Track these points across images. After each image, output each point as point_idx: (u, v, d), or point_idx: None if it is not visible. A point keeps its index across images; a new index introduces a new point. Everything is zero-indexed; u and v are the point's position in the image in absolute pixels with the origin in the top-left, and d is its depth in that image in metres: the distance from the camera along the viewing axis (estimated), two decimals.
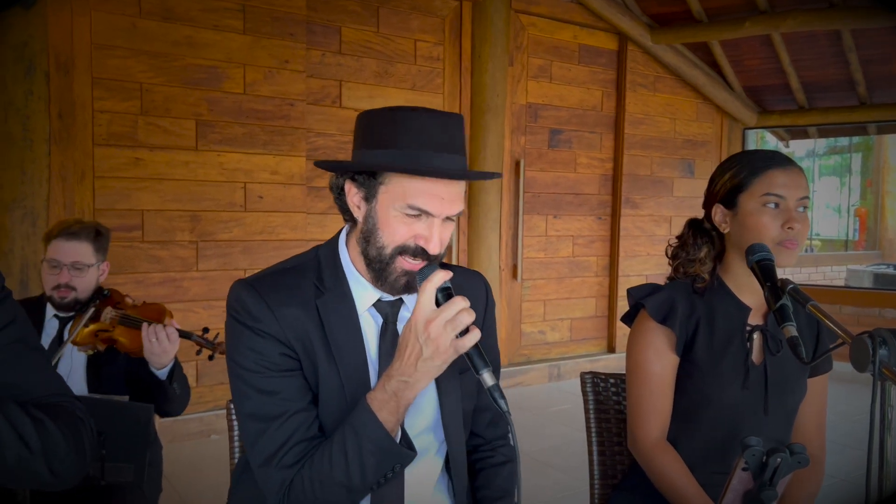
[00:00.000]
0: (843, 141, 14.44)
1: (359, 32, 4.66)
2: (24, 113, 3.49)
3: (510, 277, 5.52)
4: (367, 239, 1.23)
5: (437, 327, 1.09)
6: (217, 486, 3.22)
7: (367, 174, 1.22)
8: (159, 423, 2.38)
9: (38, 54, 3.50)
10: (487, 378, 1.10)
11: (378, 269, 1.23)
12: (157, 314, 2.22)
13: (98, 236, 2.26)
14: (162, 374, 2.13)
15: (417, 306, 1.12)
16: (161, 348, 2.08)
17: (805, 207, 1.53)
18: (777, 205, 1.51)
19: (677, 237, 1.69)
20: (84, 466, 1.16)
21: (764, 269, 1.40)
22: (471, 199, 5.16)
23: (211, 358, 2.27)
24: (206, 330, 2.29)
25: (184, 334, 2.16)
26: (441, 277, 1.13)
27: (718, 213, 1.60)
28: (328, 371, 1.23)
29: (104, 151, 3.81)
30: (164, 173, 3.98)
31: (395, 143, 1.18)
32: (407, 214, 1.19)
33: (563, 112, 5.72)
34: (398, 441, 1.17)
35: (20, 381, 1.15)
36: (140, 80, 3.89)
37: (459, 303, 1.11)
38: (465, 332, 1.11)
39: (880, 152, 14.67)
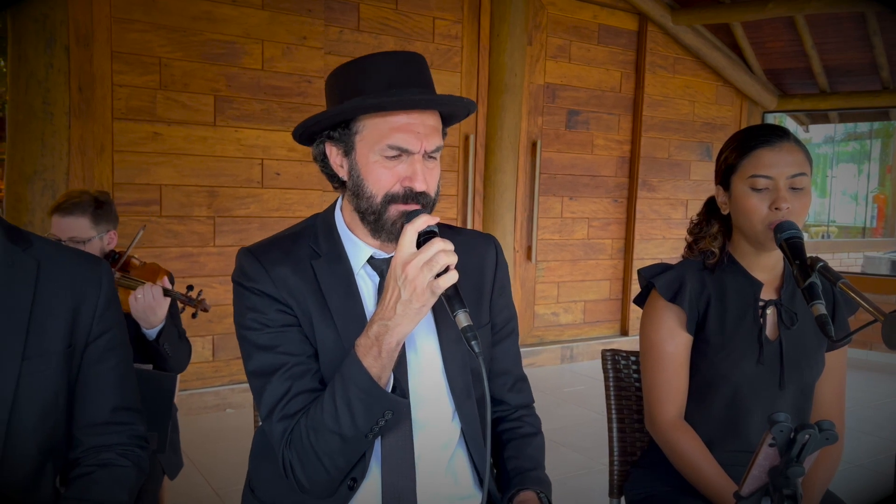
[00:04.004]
0: (863, 127, 14.24)
1: (377, 9, 4.63)
2: (44, 85, 3.50)
3: (524, 259, 5.51)
4: (357, 193, 1.23)
5: (414, 268, 1.08)
6: (232, 458, 3.26)
7: (342, 128, 1.22)
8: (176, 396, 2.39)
9: (58, 27, 3.50)
10: (462, 319, 1.08)
11: (373, 220, 1.23)
12: (152, 275, 2.22)
13: (98, 208, 2.22)
14: (150, 333, 2.12)
15: (398, 249, 1.11)
16: (145, 305, 2.07)
17: (797, 188, 1.47)
18: (765, 186, 1.48)
19: (697, 215, 1.69)
20: None
21: (793, 247, 1.39)
22: (486, 179, 5.14)
23: (194, 315, 2.28)
24: (189, 287, 2.30)
25: (167, 293, 2.15)
26: (424, 221, 1.12)
27: (720, 194, 1.60)
28: (325, 330, 1.25)
29: (123, 125, 3.82)
30: (182, 148, 3.99)
31: (362, 89, 1.19)
32: (387, 157, 1.19)
33: (582, 93, 5.67)
34: (391, 389, 1.17)
35: (93, 401, 1.23)
36: (159, 55, 3.88)
37: (438, 244, 1.09)
38: (446, 273, 1.09)
39: None
